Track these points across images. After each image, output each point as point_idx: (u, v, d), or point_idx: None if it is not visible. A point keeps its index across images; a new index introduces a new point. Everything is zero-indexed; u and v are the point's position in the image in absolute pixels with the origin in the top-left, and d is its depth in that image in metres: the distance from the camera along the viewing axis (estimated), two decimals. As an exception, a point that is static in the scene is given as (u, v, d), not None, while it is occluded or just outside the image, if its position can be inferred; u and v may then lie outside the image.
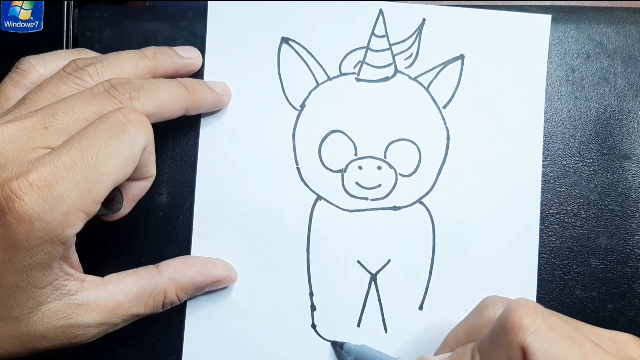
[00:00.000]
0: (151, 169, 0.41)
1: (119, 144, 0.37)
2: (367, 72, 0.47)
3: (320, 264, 0.47)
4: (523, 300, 0.35)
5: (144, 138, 0.38)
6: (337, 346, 0.46)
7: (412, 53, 0.47)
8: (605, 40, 0.47)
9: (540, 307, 0.35)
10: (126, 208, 0.43)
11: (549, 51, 0.47)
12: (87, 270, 0.41)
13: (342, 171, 0.47)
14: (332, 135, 0.47)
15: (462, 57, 0.47)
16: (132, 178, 0.40)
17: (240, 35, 0.48)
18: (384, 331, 0.47)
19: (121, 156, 0.37)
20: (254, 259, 0.47)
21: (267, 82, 0.47)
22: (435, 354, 0.42)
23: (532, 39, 0.47)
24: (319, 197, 0.47)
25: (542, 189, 0.47)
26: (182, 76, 0.45)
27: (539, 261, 0.46)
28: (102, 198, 0.37)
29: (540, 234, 0.46)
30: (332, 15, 0.47)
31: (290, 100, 0.47)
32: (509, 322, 0.34)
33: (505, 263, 0.46)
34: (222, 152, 0.47)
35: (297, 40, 0.47)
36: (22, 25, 0.48)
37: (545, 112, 0.47)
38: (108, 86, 0.40)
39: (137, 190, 0.42)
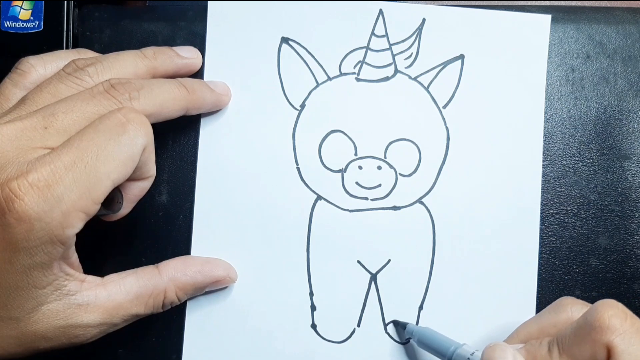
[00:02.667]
0: (151, 169, 0.41)
1: (119, 144, 0.37)
2: (367, 72, 0.47)
3: (320, 264, 0.47)
4: (612, 301, 0.36)
5: (144, 138, 0.38)
6: (399, 326, 0.46)
7: (412, 53, 0.47)
8: (605, 40, 0.47)
9: (629, 311, 0.36)
10: (126, 208, 0.43)
11: (549, 51, 0.47)
12: (87, 271, 0.41)
13: (342, 171, 0.47)
14: (332, 135, 0.47)
15: (462, 57, 0.47)
16: (132, 178, 0.40)
17: (240, 35, 0.48)
18: (384, 331, 0.47)
19: (121, 156, 0.37)
20: (254, 259, 0.47)
21: (267, 82, 0.47)
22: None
23: (532, 39, 0.47)
24: (319, 197, 0.47)
25: (542, 189, 0.47)
26: (182, 76, 0.45)
27: (539, 261, 0.46)
28: (102, 198, 0.37)
29: (540, 234, 0.46)
30: (332, 15, 0.47)
31: (290, 100, 0.47)
32: (598, 321, 0.35)
33: (505, 263, 0.46)
34: (222, 152, 0.47)
35: (297, 40, 0.47)
36: (22, 25, 0.48)
37: (545, 112, 0.47)
38: (108, 86, 0.40)
39: (137, 191, 0.42)
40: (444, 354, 0.42)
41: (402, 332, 0.46)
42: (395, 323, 0.46)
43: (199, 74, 0.47)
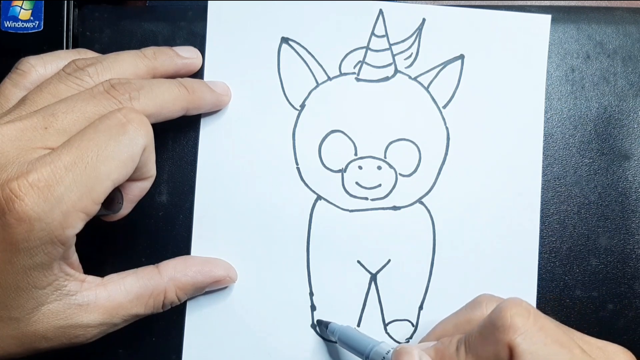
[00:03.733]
0: (151, 169, 0.41)
1: (119, 144, 0.37)
2: (367, 72, 0.47)
3: (320, 264, 0.47)
4: (516, 299, 0.36)
5: (144, 138, 0.38)
6: (322, 325, 0.46)
7: (412, 53, 0.47)
8: (605, 40, 0.47)
9: (533, 309, 0.35)
10: (126, 208, 0.43)
11: (549, 51, 0.47)
12: (87, 271, 0.41)
13: (342, 171, 0.47)
14: (332, 135, 0.47)
15: (462, 57, 0.47)
16: (132, 178, 0.40)
17: (240, 35, 0.48)
18: (384, 331, 0.47)
19: (121, 156, 0.37)
20: (254, 259, 0.47)
21: (267, 82, 0.47)
22: (420, 342, 0.43)
23: (532, 39, 0.47)
24: (319, 197, 0.47)
25: (542, 189, 0.47)
26: (182, 76, 0.45)
27: (539, 261, 0.46)
28: (102, 198, 0.37)
29: (540, 234, 0.46)
30: (332, 15, 0.47)
31: (290, 100, 0.47)
32: (500, 320, 0.35)
33: (505, 263, 0.46)
34: (222, 152, 0.47)
35: (297, 40, 0.47)
36: (22, 25, 0.48)
37: (545, 112, 0.47)
38: (108, 86, 0.40)
39: (137, 191, 0.42)
40: (362, 352, 0.42)
41: (325, 332, 0.46)
42: (319, 322, 0.46)
43: (199, 74, 0.47)
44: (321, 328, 0.46)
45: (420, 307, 0.46)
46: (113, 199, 0.41)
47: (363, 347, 0.42)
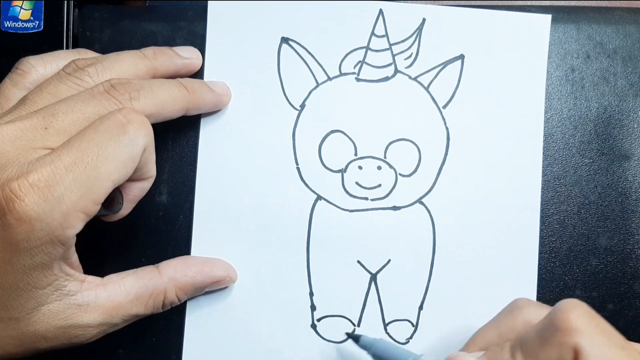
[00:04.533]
0: (151, 170, 0.41)
1: (119, 145, 0.37)
2: (367, 72, 0.47)
3: (320, 264, 0.47)
4: (575, 301, 0.35)
5: (144, 139, 0.38)
6: (352, 338, 0.45)
7: (412, 53, 0.47)
8: (605, 40, 0.47)
9: (593, 311, 0.35)
10: (126, 209, 0.43)
11: (549, 51, 0.47)
12: (87, 271, 0.41)
13: (342, 171, 0.47)
14: (332, 135, 0.47)
15: (462, 57, 0.47)
16: (132, 179, 0.40)
17: (240, 35, 0.48)
18: (384, 331, 0.47)
19: (121, 157, 0.37)
20: (254, 259, 0.47)
21: (267, 82, 0.47)
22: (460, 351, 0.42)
23: (532, 39, 0.47)
24: (319, 197, 0.47)
25: (542, 189, 0.47)
26: (182, 76, 0.45)
27: (539, 261, 0.46)
28: (102, 199, 0.37)
29: (540, 234, 0.46)
30: (332, 15, 0.47)
31: (290, 100, 0.47)
32: (564, 322, 0.34)
33: (505, 263, 0.46)
34: (222, 152, 0.47)
35: (297, 40, 0.47)
36: (22, 25, 0.48)
37: (545, 112, 0.47)
38: (108, 86, 0.40)
39: (137, 191, 0.42)
40: None
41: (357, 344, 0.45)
42: (349, 335, 0.45)
43: (199, 74, 0.47)
44: (353, 340, 0.45)
45: (420, 307, 0.46)
46: (113, 199, 0.41)
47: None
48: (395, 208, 0.47)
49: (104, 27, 0.49)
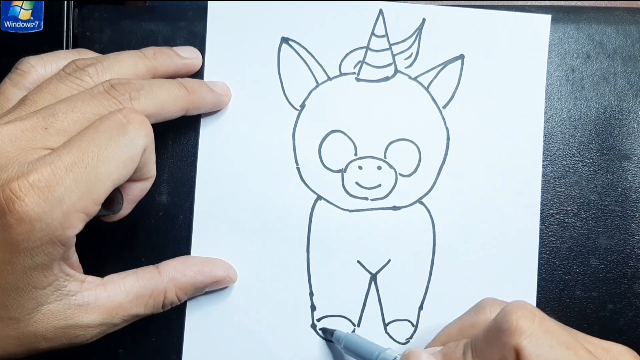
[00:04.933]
0: (151, 170, 0.41)
1: (120, 145, 0.37)
2: (367, 72, 0.47)
3: (320, 264, 0.47)
4: (521, 302, 0.36)
5: (145, 139, 0.38)
6: (327, 333, 0.46)
7: (412, 53, 0.47)
8: (605, 40, 0.47)
9: (538, 311, 0.35)
10: (126, 209, 0.43)
11: (549, 51, 0.47)
12: (87, 271, 0.41)
13: (342, 171, 0.47)
14: (332, 135, 0.47)
15: (462, 57, 0.47)
16: (132, 179, 0.40)
17: (240, 35, 0.48)
18: (384, 331, 0.47)
19: (121, 157, 0.37)
20: (254, 259, 0.47)
21: (267, 82, 0.47)
22: (426, 347, 0.43)
23: (532, 39, 0.47)
24: (319, 197, 0.47)
25: (542, 189, 0.47)
26: (182, 76, 0.45)
27: (539, 261, 0.46)
28: (102, 199, 0.37)
29: (540, 234, 0.46)
30: (332, 15, 0.47)
31: (290, 100, 0.47)
32: (506, 324, 0.34)
33: (505, 263, 0.46)
34: (222, 152, 0.47)
35: (297, 40, 0.47)
36: (22, 25, 0.48)
37: (545, 112, 0.47)
38: (108, 86, 0.40)
39: (137, 191, 0.42)
40: (369, 359, 0.42)
41: (330, 340, 0.46)
42: (324, 330, 0.46)
43: (199, 74, 0.47)
44: (326, 335, 0.46)
45: (420, 307, 0.46)
46: (113, 199, 0.41)
47: (369, 354, 0.42)
48: (395, 208, 0.47)
49: (104, 27, 0.48)
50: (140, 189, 0.42)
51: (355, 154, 0.47)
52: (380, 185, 0.47)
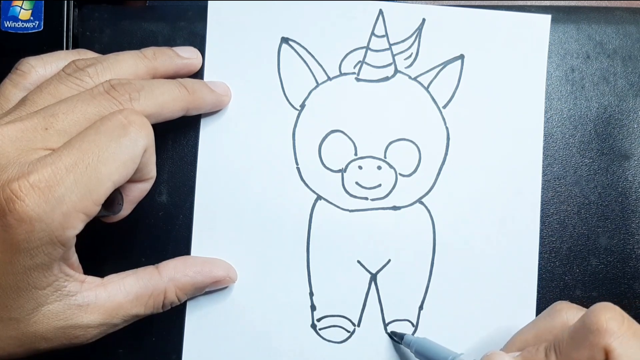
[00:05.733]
0: (151, 171, 0.41)
1: (120, 146, 0.37)
2: (367, 72, 0.47)
3: (320, 264, 0.47)
4: (609, 304, 0.36)
5: (145, 140, 0.38)
6: (395, 337, 0.46)
7: (412, 53, 0.47)
8: (605, 40, 0.47)
9: (626, 314, 0.36)
10: (126, 210, 0.43)
11: (549, 51, 0.47)
12: (87, 271, 0.41)
13: (342, 171, 0.47)
14: (332, 135, 0.47)
15: (462, 57, 0.47)
16: (132, 180, 0.40)
17: (240, 35, 0.48)
18: (384, 331, 0.47)
19: (122, 158, 0.37)
20: (254, 259, 0.47)
21: (267, 82, 0.47)
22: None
23: (532, 39, 0.47)
24: (319, 197, 0.47)
25: (542, 188, 0.47)
26: (182, 76, 0.45)
27: (539, 261, 0.46)
28: (102, 199, 0.37)
29: (540, 234, 0.46)
30: (332, 15, 0.47)
31: (290, 100, 0.47)
32: (595, 324, 0.35)
33: (505, 263, 0.46)
34: (222, 152, 0.47)
35: (297, 40, 0.47)
36: (22, 25, 0.48)
37: (545, 112, 0.47)
38: (108, 87, 0.40)
39: (137, 192, 0.42)
40: None
41: (399, 345, 0.46)
42: (393, 333, 0.46)
43: (199, 74, 0.47)
44: (396, 338, 0.46)
45: (420, 307, 0.46)
46: (113, 200, 0.41)
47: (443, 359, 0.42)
48: (395, 208, 0.47)
49: (104, 27, 0.48)
50: (141, 190, 0.42)
51: (355, 154, 0.47)
52: (380, 185, 0.47)
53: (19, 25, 0.48)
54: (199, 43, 0.48)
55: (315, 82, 0.47)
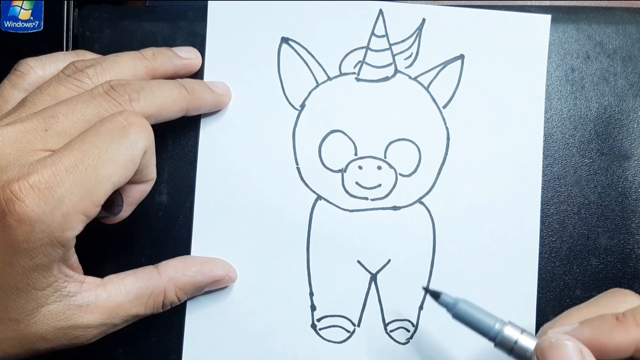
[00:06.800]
0: (151, 172, 0.41)
1: (120, 147, 0.37)
2: (367, 72, 0.47)
3: (320, 264, 0.47)
4: None
5: (145, 141, 0.38)
6: (434, 295, 0.40)
7: (412, 53, 0.47)
8: (605, 40, 0.47)
9: None
10: (126, 211, 0.43)
11: (549, 51, 0.47)
12: (87, 271, 0.41)
13: (342, 171, 0.47)
14: (332, 135, 0.47)
15: (462, 57, 0.47)
16: (132, 181, 0.40)
17: (240, 35, 0.48)
18: (384, 331, 0.47)
19: (122, 159, 0.37)
20: (254, 258, 0.47)
21: (267, 82, 0.47)
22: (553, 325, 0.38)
23: (532, 39, 0.47)
24: (319, 197, 0.47)
25: (542, 189, 0.47)
26: (181, 77, 0.45)
27: (539, 261, 0.46)
28: (102, 200, 0.37)
29: (540, 234, 0.46)
30: (332, 15, 0.47)
31: (290, 100, 0.47)
32: None
33: (506, 263, 0.46)
34: (222, 152, 0.47)
35: (297, 40, 0.47)
36: (22, 25, 0.48)
37: (545, 112, 0.47)
38: (107, 88, 0.40)
39: (137, 194, 0.42)
40: (487, 332, 0.38)
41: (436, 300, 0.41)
42: (429, 291, 0.41)
43: (199, 74, 0.47)
44: (433, 296, 0.41)
45: (420, 307, 0.46)
46: (113, 201, 0.41)
47: (486, 327, 0.38)
48: (395, 208, 0.47)
49: (104, 27, 0.48)
50: (140, 191, 0.42)
51: (355, 154, 0.47)
52: (380, 185, 0.47)
53: (19, 25, 0.48)
54: (199, 43, 0.48)
55: (315, 82, 0.47)
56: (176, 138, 0.48)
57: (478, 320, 0.38)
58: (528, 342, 0.36)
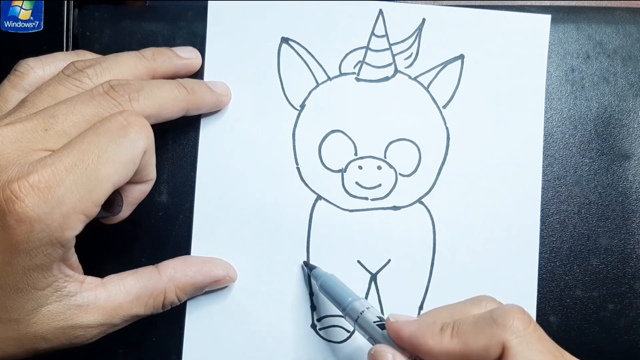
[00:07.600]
0: (151, 172, 0.41)
1: (120, 147, 0.37)
2: (367, 72, 0.47)
3: (320, 264, 0.47)
4: (521, 308, 0.36)
5: (145, 141, 0.38)
6: (307, 267, 0.46)
7: (412, 53, 0.47)
8: (605, 40, 0.47)
9: (534, 320, 0.36)
10: (126, 211, 0.43)
11: (549, 51, 0.47)
12: (87, 271, 0.41)
13: (342, 171, 0.47)
14: (332, 135, 0.47)
15: (462, 57, 0.47)
16: (132, 181, 0.40)
17: (240, 35, 0.48)
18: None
19: (122, 159, 0.37)
20: (254, 258, 0.47)
21: (267, 82, 0.47)
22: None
23: (532, 39, 0.47)
24: (319, 197, 0.47)
25: (542, 188, 0.47)
26: (181, 77, 0.45)
27: (539, 261, 0.46)
28: (102, 200, 0.37)
29: (540, 233, 0.46)
30: (332, 15, 0.47)
31: (290, 100, 0.47)
32: (502, 318, 0.35)
33: (506, 263, 0.46)
34: (222, 152, 0.47)
35: (297, 40, 0.47)
36: (22, 25, 0.48)
37: (545, 112, 0.47)
38: (107, 88, 0.40)
39: (137, 194, 0.42)
40: (341, 303, 0.43)
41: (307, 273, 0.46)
42: (305, 263, 0.46)
43: (199, 74, 0.47)
44: (307, 269, 0.46)
45: (420, 307, 0.46)
46: (113, 201, 0.41)
47: (342, 299, 0.43)
48: (395, 208, 0.47)
49: (104, 27, 0.48)
50: (140, 191, 0.42)
51: (355, 154, 0.47)
52: (380, 185, 0.47)
53: (19, 25, 0.48)
54: (199, 43, 0.48)
55: (315, 82, 0.47)
56: (176, 138, 0.48)
57: (336, 293, 0.43)
58: (371, 316, 0.41)
